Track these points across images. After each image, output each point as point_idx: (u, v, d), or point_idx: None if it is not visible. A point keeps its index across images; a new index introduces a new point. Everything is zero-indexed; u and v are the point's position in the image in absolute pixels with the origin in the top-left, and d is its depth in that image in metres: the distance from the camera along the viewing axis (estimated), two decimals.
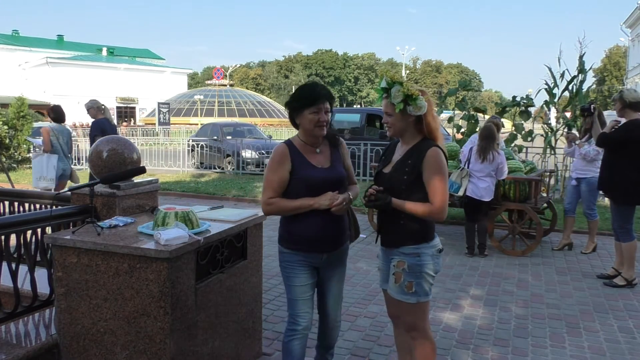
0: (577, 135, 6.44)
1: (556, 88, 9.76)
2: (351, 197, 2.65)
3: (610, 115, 10.06)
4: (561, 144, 9.86)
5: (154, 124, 36.03)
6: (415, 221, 2.54)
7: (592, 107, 5.51)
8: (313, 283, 2.77)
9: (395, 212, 2.53)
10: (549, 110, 10.52)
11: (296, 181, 2.65)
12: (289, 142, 2.74)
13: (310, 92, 2.63)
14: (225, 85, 54.41)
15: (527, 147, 10.27)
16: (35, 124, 17.52)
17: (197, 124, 34.04)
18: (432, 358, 2.67)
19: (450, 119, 10.47)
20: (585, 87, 9.69)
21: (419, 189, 2.51)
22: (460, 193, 6.02)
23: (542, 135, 10.03)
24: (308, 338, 2.78)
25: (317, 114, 2.60)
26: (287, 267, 2.74)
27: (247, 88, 71.92)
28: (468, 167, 6.10)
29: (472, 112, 9.42)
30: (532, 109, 9.90)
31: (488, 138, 6.02)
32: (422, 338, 2.65)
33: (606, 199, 9.09)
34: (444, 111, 12.08)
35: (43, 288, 3.04)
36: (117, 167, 3.19)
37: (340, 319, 2.98)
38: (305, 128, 2.66)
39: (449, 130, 11.35)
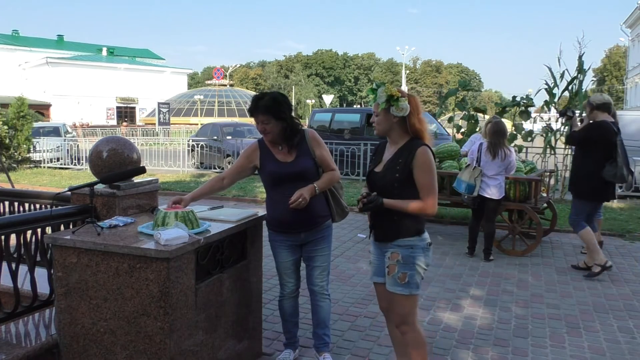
0: None
1: (556, 88, 9.75)
2: (317, 186, 3.01)
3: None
4: (561, 144, 9.87)
5: (154, 124, 36.02)
6: (408, 216, 2.67)
7: (568, 112, 5.92)
8: (295, 259, 3.24)
9: (389, 210, 2.66)
10: (549, 110, 10.51)
11: (264, 175, 3.14)
12: (260, 140, 3.18)
13: (250, 105, 3.06)
14: (225, 85, 54.36)
15: (527, 147, 10.27)
16: (35, 124, 17.58)
17: (197, 124, 34.04)
18: (425, 349, 2.79)
19: (450, 119, 10.46)
20: (585, 87, 9.68)
21: (410, 186, 2.65)
22: (475, 194, 5.83)
23: (542, 135, 10.02)
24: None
25: (257, 124, 3.04)
26: (272, 245, 3.26)
27: (247, 88, 71.85)
28: (479, 166, 5.86)
29: (472, 112, 9.42)
30: (532, 109, 9.88)
31: (497, 133, 5.75)
32: (412, 332, 2.76)
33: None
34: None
35: (43, 288, 3.04)
36: (117, 167, 3.18)
37: (329, 292, 3.32)
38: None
39: (449, 130, 11.34)
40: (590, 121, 5.36)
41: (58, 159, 16.43)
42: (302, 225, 3.11)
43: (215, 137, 15.04)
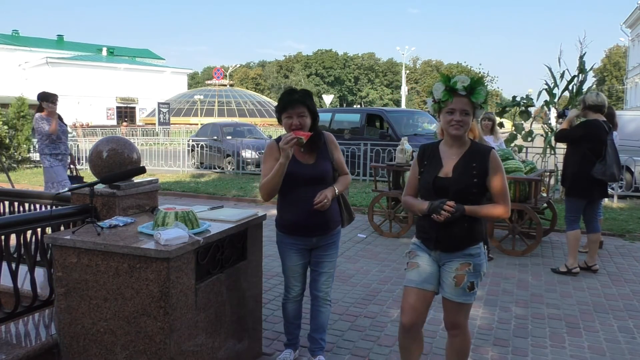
0: None
1: (556, 88, 9.75)
2: (336, 189, 3.02)
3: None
4: (560, 144, 9.87)
5: (154, 124, 36.05)
6: (478, 222, 2.60)
7: (566, 112, 6.08)
8: (304, 263, 3.21)
9: (462, 216, 2.53)
10: (549, 110, 10.52)
11: (284, 176, 3.02)
12: (279, 139, 3.04)
13: (282, 99, 2.99)
14: (225, 85, 54.43)
15: (527, 147, 10.27)
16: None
17: (197, 124, 34.05)
18: (469, 351, 2.85)
19: None
20: (585, 87, 9.67)
21: (485, 191, 2.58)
22: None
23: (542, 135, 10.03)
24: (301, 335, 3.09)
25: (290, 119, 2.94)
26: (281, 247, 3.22)
27: (247, 88, 71.89)
28: None
29: None
30: (532, 109, 9.88)
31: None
32: (463, 334, 2.76)
33: (609, 199, 9.13)
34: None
35: (43, 288, 3.04)
36: (117, 167, 3.18)
37: (330, 298, 3.31)
38: (285, 130, 3.01)
39: None
40: (582, 119, 5.41)
41: None
42: (317, 228, 3.08)
43: (215, 137, 15.05)
